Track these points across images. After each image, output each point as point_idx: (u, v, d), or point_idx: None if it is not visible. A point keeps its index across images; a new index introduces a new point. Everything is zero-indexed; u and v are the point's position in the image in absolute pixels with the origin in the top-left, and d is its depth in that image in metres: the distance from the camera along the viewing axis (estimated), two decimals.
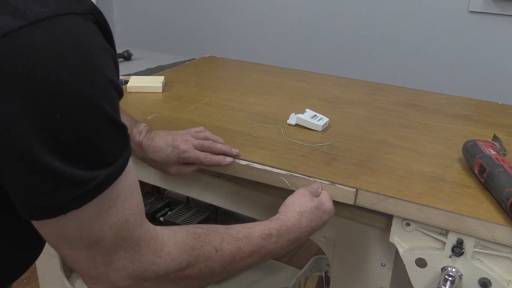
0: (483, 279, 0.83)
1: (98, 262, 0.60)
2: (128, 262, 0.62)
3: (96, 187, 0.55)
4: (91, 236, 0.58)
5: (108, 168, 0.56)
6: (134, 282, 0.63)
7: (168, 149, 0.99)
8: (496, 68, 1.81)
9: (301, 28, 2.15)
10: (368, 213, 0.94)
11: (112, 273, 0.62)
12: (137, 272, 0.63)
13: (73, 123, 0.52)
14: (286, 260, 2.02)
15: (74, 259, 0.60)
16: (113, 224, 0.59)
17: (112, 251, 0.60)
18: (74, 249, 0.59)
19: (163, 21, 2.53)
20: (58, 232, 0.57)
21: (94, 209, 0.56)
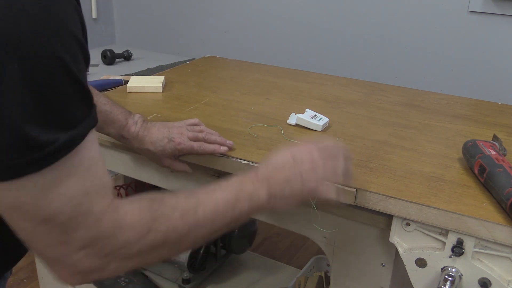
0: (483, 279, 0.83)
1: (54, 240, 0.57)
2: (89, 240, 0.58)
3: (54, 152, 0.52)
4: (48, 207, 0.54)
5: (68, 132, 0.53)
6: (98, 262, 0.60)
7: (164, 140, 1.00)
8: (496, 68, 1.81)
9: (301, 28, 2.15)
10: (368, 213, 0.94)
11: (73, 254, 0.58)
12: (99, 249, 0.59)
13: (30, 75, 0.49)
14: (286, 260, 2.02)
15: (29, 234, 0.57)
16: (72, 196, 0.55)
17: (71, 229, 0.56)
18: (28, 221, 0.55)
19: (163, 21, 2.53)
20: (12, 200, 0.53)
21: (51, 176, 0.53)
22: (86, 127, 0.56)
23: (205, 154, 1.01)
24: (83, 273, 0.59)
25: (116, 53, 1.98)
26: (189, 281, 1.57)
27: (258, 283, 1.65)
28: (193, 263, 1.54)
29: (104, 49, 1.97)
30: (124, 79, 1.52)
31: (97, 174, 0.58)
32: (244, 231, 1.64)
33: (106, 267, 0.60)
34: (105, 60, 1.95)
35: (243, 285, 1.64)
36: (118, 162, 1.22)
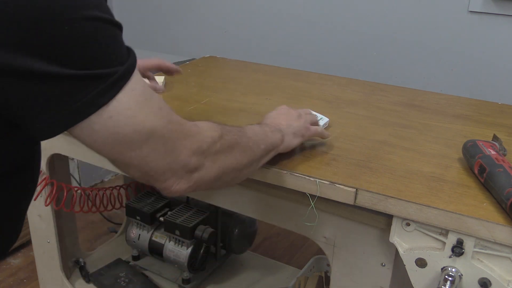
0: (483, 279, 0.83)
1: (161, 153, 0.66)
2: (186, 140, 0.69)
3: (117, 80, 0.60)
4: (143, 127, 0.63)
5: (124, 64, 0.62)
6: (198, 159, 0.71)
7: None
8: (496, 68, 1.81)
9: (301, 28, 2.15)
10: (368, 213, 0.94)
11: (178, 158, 0.68)
12: (196, 147, 0.71)
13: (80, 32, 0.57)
14: (286, 260, 2.02)
15: (141, 159, 0.65)
16: (155, 111, 0.65)
17: (169, 137, 0.67)
18: (136, 149, 0.64)
19: (163, 21, 2.53)
20: (111, 134, 0.61)
21: (127, 99, 0.61)
22: (133, 57, 0.64)
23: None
24: (189, 173, 0.71)
25: None
26: (189, 281, 1.57)
27: (258, 283, 1.65)
28: (193, 263, 1.54)
29: None
30: None
31: (159, 97, 0.68)
32: (244, 231, 1.65)
33: (203, 165, 0.73)
34: None
35: (243, 285, 1.64)
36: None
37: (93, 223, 2.29)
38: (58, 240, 1.48)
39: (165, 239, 1.57)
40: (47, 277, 1.57)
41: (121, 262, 1.67)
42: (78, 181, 2.52)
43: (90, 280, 1.59)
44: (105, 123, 0.61)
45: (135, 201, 1.60)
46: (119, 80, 0.61)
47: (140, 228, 1.61)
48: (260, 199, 1.06)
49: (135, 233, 1.62)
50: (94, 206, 1.58)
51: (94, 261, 1.68)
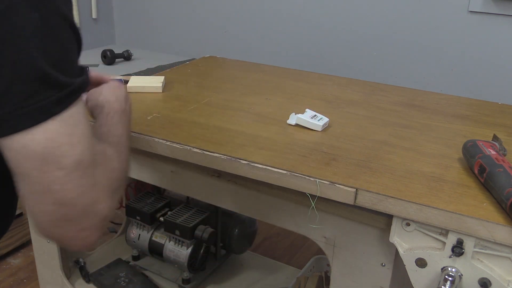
0: (483, 279, 0.83)
1: (87, 184, 0.62)
2: (103, 178, 0.65)
3: (72, 92, 0.60)
4: (77, 147, 0.60)
5: (79, 78, 0.62)
6: (111, 201, 0.66)
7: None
8: (496, 68, 1.81)
9: (301, 28, 2.15)
10: (368, 213, 0.94)
11: (100, 198, 0.64)
12: (110, 187, 0.67)
13: (48, 25, 0.58)
14: (286, 260, 2.02)
15: (63, 184, 0.59)
16: (89, 135, 0.63)
17: (93, 168, 0.63)
18: (62, 169, 0.59)
19: (163, 21, 2.53)
20: (47, 143, 0.58)
21: (75, 116, 0.61)
22: (87, 76, 0.65)
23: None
24: (104, 219, 0.65)
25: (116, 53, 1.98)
26: (189, 281, 1.57)
27: (258, 283, 1.65)
28: (193, 263, 1.54)
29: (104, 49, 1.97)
30: (124, 79, 1.51)
31: (89, 122, 0.66)
32: (244, 231, 1.65)
33: (113, 205, 0.68)
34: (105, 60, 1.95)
35: (243, 285, 1.64)
36: None
37: None
38: None
39: (165, 239, 1.57)
40: (47, 277, 1.57)
41: (121, 262, 1.67)
42: None
43: (90, 280, 1.59)
44: (48, 126, 0.58)
45: (135, 201, 1.60)
46: (74, 92, 0.61)
47: (140, 228, 1.61)
48: (260, 199, 1.06)
49: (135, 233, 1.62)
50: None
51: (94, 261, 1.68)
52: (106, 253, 1.73)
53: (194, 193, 1.18)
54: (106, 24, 2.64)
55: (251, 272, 1.70)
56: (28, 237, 1.58)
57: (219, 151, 1.01)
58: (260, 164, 0.96)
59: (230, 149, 1.01)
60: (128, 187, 1.72)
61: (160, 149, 1.07)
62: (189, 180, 1.15)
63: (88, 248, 0.66)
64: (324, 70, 1.76)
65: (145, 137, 1.08)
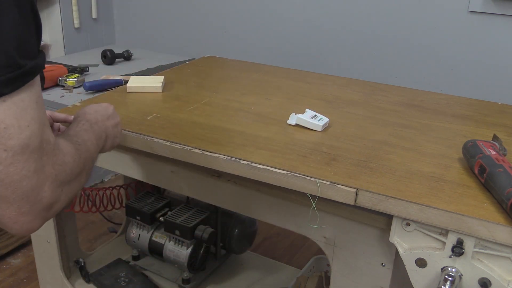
0: (483, 279, 0.83)
1: (31, 169, 0.62)
2: (51, 167, 0.66)
3: (24, 74, 0.60)
4: (26, 130, 0.61)
5: (33, 61, 0.62)
6: (57, 192, 0.67)
7: None
8: (496, 68, 1.81)
9: (301, 28, 2.15)
10: (368, 213, 0.94)
11: (43, 185, 0.64)
12: (57, 177, 0.67)
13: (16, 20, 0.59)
14: (286, 260, 2.02)
15: (7, 166, 0.60)
16: (40, 121, 0.63)
17: (40, 154, 0.63)
18: (8, 151, 0.60)
19: (163, 21, 2.53)
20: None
21: (26, 98, 0.61)
22: (43, 59, 0.65)
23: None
24: (47, 209, 0.66)
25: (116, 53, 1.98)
26: (189, 281, 1.57)
27: (258, 283, 1.65)
28: (193, 263, 1.54)
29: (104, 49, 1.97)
30: (124, 79, 1.51)
31: (45, 110, 0.66)
32: (244, 231, 1.64)
33: (60, 197, 0.68)
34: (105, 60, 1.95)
35: (243, 285, 1.64)
36: (118, 162, 1.22)
37: (93, 223, 2.29)
38: (58, 240, 1.48)
39: (165, 239, 1.57)
40: (47, 277, 1.57)
41: (121, 262, 1.67)
42: None
43: (90, 280, 1.58)
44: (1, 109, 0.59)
45: (135, 201, 1.60)
46: (26, 74, 0.61)
47: (140, 228, 1.61)
48: (260, 199, 1.06)
49: (135, 233, 1.62)
50: (94, 206, 1.58)
51: (94, 261, 1.68)
52: (106, 253, 1.73)
53: (194, 193, 1.18)
54: (106, 24, 2.64)
55: (251, 272, 1.70)
56: (28, 237, 1.58)
57: (219, 151, 1.01)
58: (260, 164, 0.96)
59: (230, 149, 1.01)
60: (128, 187, 1.72)
61: (159, 149, 1.07)
62: (189, 180, 1.15)
63: (27, 234, 0.67)
64: (324, 70, 1.75)
65: (145, 137, 1.08)
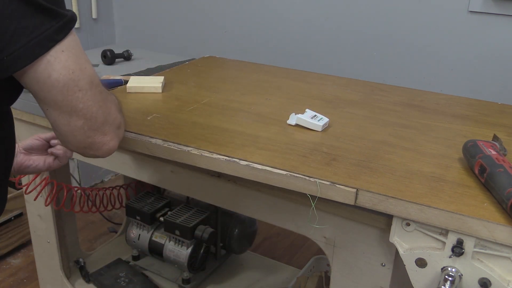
0: (483, 279, 0.83)
1: (101, 99, 0.77)
2: (110, 95, 0.83)
3: (68, 21, 0.71)
4: (90, 70, 0.74)
5: (68, 11, 0.72)
6: (120, 113, 0.86)
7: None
8: (496, 68, 1.81)
9: (301, 28, 2.15)
10: (368, 213, 0.94)
11: (112, 111, 0.81)
12: (116, 103, 0.85)
13: None
14: (286, 260, 2.02)
15: (86, 102, 0.74)
16: (90, 64, 0.76)
17: (100, 89, 0.78)
18: (82, 89, 0.73)
19: (163, 21, 2.53)
20: (66, 70, 0.71)
21: (74, 43, 0.72)
22: (73, 12, 0.74)
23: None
24: (118, 126, 0.84)
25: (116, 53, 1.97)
26: (189, 281, 1.57)
27: (258, 283, 1.65)
28: (193, 263, 1.54)
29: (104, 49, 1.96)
30: (124, 79, 1.51)
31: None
32: (244, 231, 1.65)
33: (121, 122, 0.86)
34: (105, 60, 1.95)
35: (243, 285, 1.64)
36: (118, 162, 1.22)
37: (93, 223, 2.29)
38: (58, 240, 1.48)
39: (165, 239, 1.57)
40: (47, 277, 1.57)
41: (121, 262, 1.67)
42: (78, 181, 2.52)
43: (90, 280, 1.59)
44: (59, 56, 0.70)
45: (135, 201, 1.60)
46: (69, 22, 0.71)
47: (140, 228, 1.61)
48: (260, 199, 1.06)
49: (135, 233, 1.62)
50: (94, 206, 1.58)
51: (94, 261, 1.68)
52: (106, 253, 1.73)
53: (194, 193, 1.18)
54: (106, 24, 2.64)
55: (251, 272, 1.70)
56: (28, 237, 1.58)
57: (219, 151, 1.01)
58: (260, 165, 0.96)
59: (230, 149, 1.01)
60: (128, 187, 1.72)
61: (158, 151, 1.07)
62: (189, 180, 1.15)
63: (110, 153, 0.83)
64: (324, 70, 1.75)
65: (143, 138, 1.08)
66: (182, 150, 1.03)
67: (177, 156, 1.04)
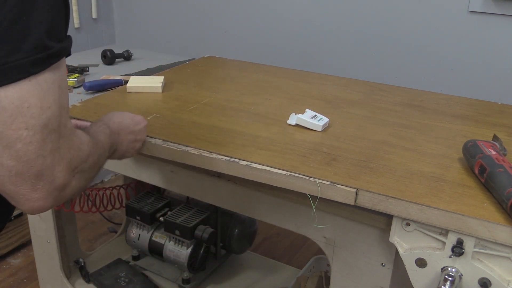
0: (483, 279, 0.83)
1: (48, 148, 0.65)
2: (66, 150, 0.68)
3: (51, 56, 0.64)
4: (47, 111, 0.64)
5: (60, 44, 0.65)
6: (69, 174, 0.69)
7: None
8: (496, 68, 1.81)
9: (301, 28, 2.15)
10: (368, 213, 0.94)
11: (56, 166, 0.66)
12: (72, 161, 0.69)
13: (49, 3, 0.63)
14: (286, 260, 2.02)
15: (26, 144, 0.63)
16: (60, 105, 0.66)
17: (57, 136, 0.66)
18: (29, 129, 0.62)
19: (163, 21, 2.53)
20: (20, 102, 0.61)
21: (50, 80, 0.64)
22: (69, 44, 0.68)
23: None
24: (57, 191, 0.68)
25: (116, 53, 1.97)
26: (189, 281, 1.57)
27: (258, 283, 1.65)
28: (193, 263, 1.54)
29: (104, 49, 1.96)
30: (124, 79, 1.51)
31: (67, 95, 0.69)
32: (244, 231, 1.64)
33: (71, 182, 0.70)
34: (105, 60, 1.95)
35: (243, 285, 1.64)
36: (118, 162, 1.22)
37: (93, 223, 2.29)
38: (58, 240, 1.48)
39: (165, 239, 1.57)
40: (47, 277, 1.57)
41: (121, 262, 1.67)
42: None
43: (90, 280, 1.58)
44: (22, 85, 0.61)
45: (135, 201, 1.60)
46: (52, 56, 0.64)
47: (140, 228, 1.61)
48: (260, 199, 1.06)
49: (135, 233, 1.62)
50: (94, 206, 1.58)
51: (94, 261, 1.68)
52: (106, 253, 1.73)
53: (194, 193, 1.18)
54: (106, 24, 2.64)
55: (251, 272, 1.70)
56: (28, 237, 1.58)
57: (219, 151, 1.01)
58: (260, 165, 0.96)
59: (230, 149, 1.01)
60: (128, 187, 1.72)
61: (157, 151, 1.07)
62: (189, 180, 1.15)
63: (38, 212, 0.69)
64: (324, 70, 1.75)
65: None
66: (182, 150, 1.03)
67: (177, 156, 1.04)
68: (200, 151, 1.02)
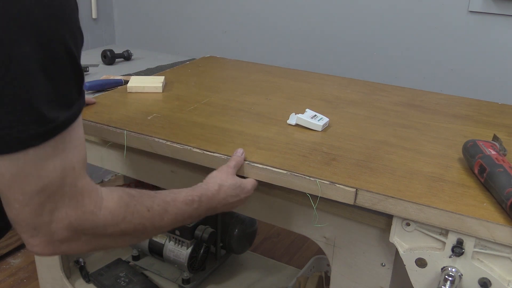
0: (483, 279, 0.83)
1: (45, 209, 0.63)
2: (71, 210, 0.65)
3: (55, 128, 0.61)
4: (45, 178, 0.62)
5: (66, 111, 0.62)
6: (73, 233, 0.66)
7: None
8: (496, 68, 1.81)
9: (301, 28, 2.15)
10: (368, 213, 0.94)
11: (55, 223, 0.64)
12: (78, 222, 0.66)
13: (43, 58, 0.58)
14: (286, 260, 2.02)
15: (22, 206, 0.63)
16: (63, 168, 0.63)
17: (58, 197, 0.63)
18: (25, 194, 0.62)
19: (163, 21, 2.53)
20: (16, 171, 0.60)
21: (50, 149, 0.61)
22: (79, 107, 0.65)
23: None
24: (57, 243, 0.66)
25: (116, 53, 1.97)
26: (189, 281, 1.57)
27: (258, 283, 1.65)
28: (193, 263, 1.54)
29: (104, 49, 1.96)
30: (124, 79, 1.51)
31: (82, 153, 0.66)
32: (244, 231, 1.65)
33: (77, 240, 0.67)
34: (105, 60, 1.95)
35: (243, 285, 1.64)
36: (118, 162, 1.22)
37: None
38: None
39: (165, 239, 1.57)
40: (47, 277, 1.57)
41: (121, 262, 1.67)
42: None
43: (90, 280, 1.59)
44: (20, 156, 0.60)
45: None
46: (55, 129, 0.61)
47: None
48: (260, 199, 1.06)
49: None
50: None
51: (94, 261, 1.68)
52: (106, 253, 1.73)
53: None
54: (106, 24, 2.64)
55: (251, 272, 1.70)
56: None
57: (219, 151, 1.01)
58: (260, 164, 0.97)
59: (231, 149, 1.01)
60: (128, 187, 1.72)
61: (160, 149, 1.07)
62: (189, 180, 1.15)
63: (38, 255, 0.69)
64: (324, 70, 1.75)
65: (145, 137, 1.08)
66: (185, 149, 1.03)
67: (179, 154, 1.05)
68: (202, 150, 1.02)
